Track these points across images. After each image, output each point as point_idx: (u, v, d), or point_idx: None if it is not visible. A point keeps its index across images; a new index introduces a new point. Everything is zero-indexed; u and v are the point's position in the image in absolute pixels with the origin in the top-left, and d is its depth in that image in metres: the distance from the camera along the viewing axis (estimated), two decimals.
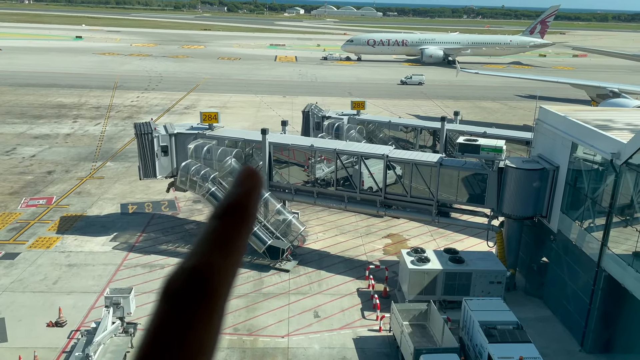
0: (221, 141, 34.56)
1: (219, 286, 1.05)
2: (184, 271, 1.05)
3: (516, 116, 71.72)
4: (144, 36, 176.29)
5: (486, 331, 22.34)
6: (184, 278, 1.04)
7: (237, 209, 1.12)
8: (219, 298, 1.05)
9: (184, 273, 1.05)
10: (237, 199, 1.13)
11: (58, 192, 42.50)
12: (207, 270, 1.05)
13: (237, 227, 1.11)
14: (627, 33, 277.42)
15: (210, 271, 1.05)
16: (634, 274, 22.44)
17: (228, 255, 1.08)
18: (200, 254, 1.07)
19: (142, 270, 31.26)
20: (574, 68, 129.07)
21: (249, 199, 1.14)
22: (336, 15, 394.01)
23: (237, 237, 1.11)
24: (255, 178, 1.18)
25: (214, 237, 1.09)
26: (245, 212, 1.13)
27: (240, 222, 1.12)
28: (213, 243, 1.08)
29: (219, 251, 1.08)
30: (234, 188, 1.15)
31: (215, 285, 1.05)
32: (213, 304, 1.04)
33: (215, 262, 1.06)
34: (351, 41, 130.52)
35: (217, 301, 1.05)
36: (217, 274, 1.06)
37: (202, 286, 1.04)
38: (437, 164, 30.68)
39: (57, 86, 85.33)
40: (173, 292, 1.03)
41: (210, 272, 1.05)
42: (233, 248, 1.10)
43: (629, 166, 23.51)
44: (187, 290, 1.03)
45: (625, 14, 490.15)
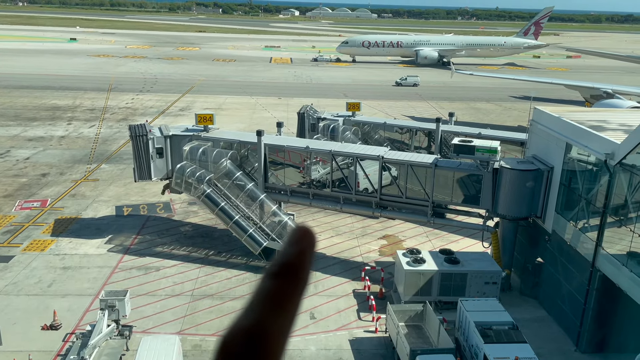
0: (216, 143, 34.52)
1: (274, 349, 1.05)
2: (240, 332, 1.05)
3: (511, 117, 71.99)
4: (138, 38, 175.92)
5: (482, 332, 22.40)
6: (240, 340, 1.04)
7: (292, 268, 1.12)
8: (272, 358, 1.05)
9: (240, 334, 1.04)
10: (292, 258, 1.13)
11: (52, 195, 42.32)
12: (263, 333, 1.05)
13: (292, 287, 1.11)
14: (620, 34, 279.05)
15: (266, 333, 1.05)
16: (628, 274, 22.55)
17: (283, 316, 1.08)
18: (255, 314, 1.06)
19: (137, 273, 31.17)
20: (567, 69, 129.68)
21: (304, 259, 1.14)
22: (331, 17, 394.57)
23: (292, 297, 1.10)
24: (310, 237, 1.19)
25: (269, 297, 1.08)
26: (300, 272, 1.13)
27: (295, 282, 1.12)
28: (268, 303, 1.08)
29: (274, 312, 1.07)
30: (289, 247, 1.15)
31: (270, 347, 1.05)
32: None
33: (271, 323, 1.06)
34: (346, 43, 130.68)
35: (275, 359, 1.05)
36: (272, 336, 1.05)
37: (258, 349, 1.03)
38: (432, 165, 30.75)
39: (52, 88, 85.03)
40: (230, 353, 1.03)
41: (266, 335, 1.05)
42: (288, 309, 1.09)
43: (622, 166, 23.63)
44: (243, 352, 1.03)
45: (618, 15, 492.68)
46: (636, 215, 23.49)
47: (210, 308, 27.95)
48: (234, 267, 32.15)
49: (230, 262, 32.82)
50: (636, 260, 22.77)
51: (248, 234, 31.70)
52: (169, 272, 31.39)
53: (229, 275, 31.29)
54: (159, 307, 27.87)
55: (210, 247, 34.68)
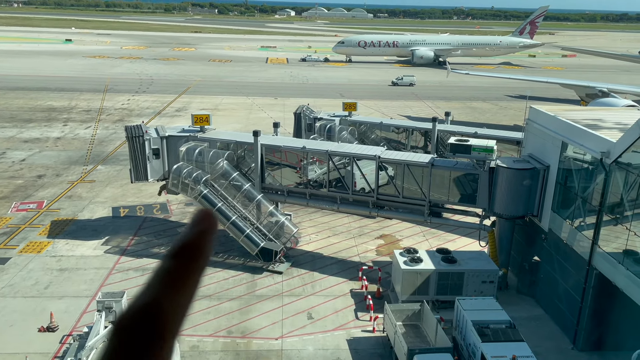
0: (213, 143, 34.49)
1: (168, 323, 1.08)
2: (136, 310, 1.08)
3: (507, 116, 72.15)
4: (134, 39, 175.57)
5: (479, 330, 22.44)
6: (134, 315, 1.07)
7: (191, 248, 1.16)
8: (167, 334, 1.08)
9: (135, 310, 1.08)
10: (192, 239, 1.17)
11: (49, 196, 42.20)
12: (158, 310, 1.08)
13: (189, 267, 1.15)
14: (615, 33, 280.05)
15: (161, 311, 1.08)
16: (624, 272, 22.65)
17: (178, 293, 1.12)
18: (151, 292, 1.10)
19: (134, 274, 31.12)
20: (563, 68, 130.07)
21: (203, 240, 1.17)
22: (327, 17, 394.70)
23: (188, 277, 1.14)
24: (211, 220, 1.21)
25: (165, 276, 1.13)
26: (198, 252, 1.16)
27: (192, 263, 1.15)
28: (164, 281, 1.12)
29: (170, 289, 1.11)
30: (190, 229, 1.19)
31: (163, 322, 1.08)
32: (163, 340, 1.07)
33: (166, 301, 1.09)
34: (342, 43, 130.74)
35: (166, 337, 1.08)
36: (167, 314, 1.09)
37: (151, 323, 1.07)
38: (428, 164, 30.80)
39: (47, 89, 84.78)
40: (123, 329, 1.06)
41: (161, 312, 1.08)
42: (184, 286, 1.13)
43: (618, 165, 23.73)
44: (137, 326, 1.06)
45: (613, 14, 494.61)
46: (632, 213, 23.59)
47: (207, 309, 27.92)
48: (231, 268, 32.13)
49: (228, 262, 32.80)
50: (632, 258, 22.88)
51: (245, 235, 31.68)
52: None
53: (227, 275, 31.27)
54: None
55: None
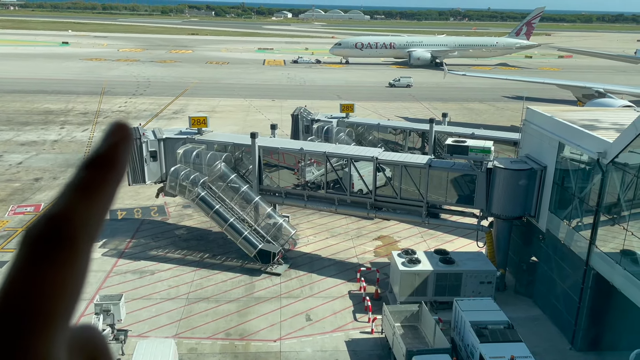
0: (210, 145, 34.48)
1: (79, 232, 1.05)
2: (44, 218, 1.04)
3: (504, 117, 72.30)
4: (131, 41, 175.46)
5: (477, 331, 22.46)
6: (43, 224, 1.04)
7: (105, 158, 1.12)
8: (78, 243, 1.05)
9: (44, 220, 1.04)
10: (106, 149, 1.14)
11: (46, 199, 42.11)
12: (67, 217, 1.05)
13: (103, 176, 1.11)
14: (611, 34, 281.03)
15: (70, 217, 1.05)
16: (622, 272, 22.70)
17: (91, 203, 1.09)
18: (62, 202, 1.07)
19: (132, 277, 31.06)
20: (559, 69, 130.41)
21: (117, 149, 1.14)
22: (324, 19, 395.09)
23: (102, 185, 1.11)
24: (125, 130, 1.18)
25: (78, 186, 1.09)
26: (113, 162, 1.13)
27: (107, 172, 1.12)
28: (77, 191, 1.08)
29: (82, 199, 1.08)
30: (104, 140, 1.15)
31: (74, 231, 1.05)
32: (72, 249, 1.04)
33: (77, 209, 1.06)
34: (339, 44, 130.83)
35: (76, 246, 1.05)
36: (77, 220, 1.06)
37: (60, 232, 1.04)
38: (426, 165, 30.84)
39: (44, 92, 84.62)
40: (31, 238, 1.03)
41: (70, 219, 1.05)
42: (97, 196, 1.10)
43: (615, 165, 23.80)
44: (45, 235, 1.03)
45: (609, 15, 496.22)
46: (629, 213, 23.65)
47: (206, 311, 27.89)
48: (229, 270, 32.09)
49: (226, 264, 32.76)
50: (629, 258, 22.94)
51: (243, 237, 31.66)
52: (164, 276, 31.30)
53: (225, 278, 31.24)
54: (154, 310, 27.78)
55: (205, 250, 34.61)
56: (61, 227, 1.04)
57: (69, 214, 1.06)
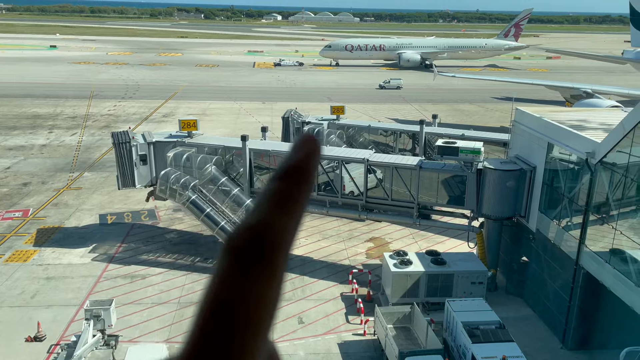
0: (201, 149, 34.34)
1: (280, 243, 1.07)
2: (245, 228, 1.06)
3: (493, 118, 72.72)
4: (119, 44, 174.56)
5: (469, 332, 22.54)
6: (245, 234, 1.05)
7: (297, 170, 1.14)
8: (280, 254, 1.07)
9: (245, 230, 1.05)
10: (297, 161, 1.16)
11: (34, 204, 41.72)
12: (268, 228, 1.06)
13: (296, 187, 1.13)
14: (598, 35, 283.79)
15: (271, 229, 1.06)
16: (611, 271, 22.89)
17: (288, 214, 1.10)
18: (260, 212, 1.08)
19: (122, 281, 30.83)
20: (548, 70, 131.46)
21: (308, 162, 1.16)
22: (314, 21, 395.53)
23: (296, 196, 1.13)
24: (314, 143, 1.20)
25: (273, 197, 1.11)
26: (305, 174, 1.15)
27: (300, 183, 1.14)
28: (273, 202, 1.10)
29: (279, 210, 1.09)
30: (294, 152, 1.17)
31: (275, 241, 1.06)
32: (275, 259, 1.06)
33: (275, 220, 1.08)
34: (329, 47, 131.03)
35: (279, 256, 1.06)
36: (278, 232, 1.07)
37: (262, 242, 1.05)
38: (417, 166, 30.93)
39: (32, 96, 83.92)
40: (234, 248, 1.04)
41: (271, 230, 1.06)
42: (293, 207, 1.11)
43: (603, 165, 24.02)
44: (248, 246, 1.04)
45: (596, 16, 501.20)
46: (618, 212, 23.87)
47: None
48: None
49: None
50: (619, 257, 23.13)
51: None
52: (155, 280, 31.10)
53: None
54: (145, 315, 27.59)
55: (197, 253, 34.44)
56: (264, 240, 1.05)
57: (270, 227, 1.07)
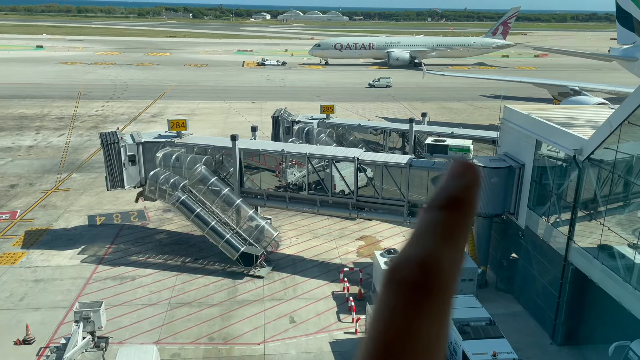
0: (190, 149, 34.19)
1: (449, 278, 1.02)
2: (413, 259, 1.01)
3: (482, 116, 73.11)
4: (107, 44, 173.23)
5: (460, 328, 22.64)
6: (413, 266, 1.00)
7: (462, 200, 1.08)
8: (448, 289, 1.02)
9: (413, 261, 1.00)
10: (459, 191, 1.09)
11: (22, 206, 41.30)
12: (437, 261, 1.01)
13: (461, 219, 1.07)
14: (585, 32, 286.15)
15: (439, 262, 1.01)
16: (599, 266, 23.11)
17: (454, 248, 1.05)
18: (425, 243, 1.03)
19: (112, 283, 30.62)
20: (535, 68, 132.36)
21: (470, 192, 1.10)
22: (302, 20, 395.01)
23: (461, 229, 1.07)
24: (474, 170, 1.14)
25: (438, 228, 1.05)
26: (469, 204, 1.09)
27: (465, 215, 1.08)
28: (438, 234, 1.04)
29: (445, 243, 1.04)
30: (452, 180, 1.11)
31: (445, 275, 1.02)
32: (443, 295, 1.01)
33: (444, 254, 1.02)
34: (318, 46, 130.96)
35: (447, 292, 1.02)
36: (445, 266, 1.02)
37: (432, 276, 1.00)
38: (406, 165, 31.02)
39: (18, 97, 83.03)
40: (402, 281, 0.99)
41: (439, 263, 1.01)
42: (458, 241, 1.06)
43: (591, 161, 24.23)
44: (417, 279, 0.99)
45: (582, 14, 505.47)
46: (605, 208, 24.10)
47: (188, 316, 27.62)
48: (211, 274, 31.84)
49: (208, 268, 32.51)
50: (607, 252, 23.36)
51: (225, 240, 31.45)
52: (145, 281, 30.92)
53: (207, 282, 30.98)
54: (135, 317, 27.43)
55: (187, 254, 34.29)
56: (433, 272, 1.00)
57: (439, 261, 1.01)
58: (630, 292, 21.14)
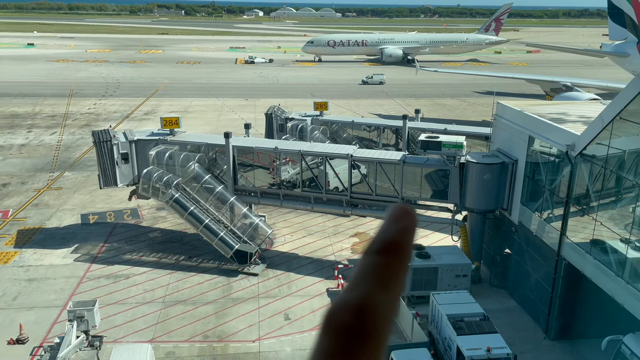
0: (183, 146, 34.06)
1: (383, 322, 1.05)
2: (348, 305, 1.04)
3: (475, 112, 73.30)
4: (99, 42, 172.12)
5: (454, 324, 22.74)
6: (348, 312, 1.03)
7: (396, 246, 1.12)
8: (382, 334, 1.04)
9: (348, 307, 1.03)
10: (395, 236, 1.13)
11: (14, 205, 41.04)
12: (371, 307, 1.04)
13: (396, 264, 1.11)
14: (577, 28, 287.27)
15: (374, 307, 1.04)
16: (592, 261, 23.26)
17: (390, 292, 1.08)
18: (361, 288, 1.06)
19: (106, 282, 30.51)
20: (528, 64, 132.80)
21: (406, 237, 1.14)
22: (295, 17, 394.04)
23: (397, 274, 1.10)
24: (412, 216, 1.18)
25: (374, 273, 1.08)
26: (404, 250, 1.13)
27: (399, 260, 1.11)
28: (374, 279, 1.08)
29: (381, 288, 1.07)
30: (390, 224, 1.16)
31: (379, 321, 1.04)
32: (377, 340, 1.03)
33: (378, 298, 1.05)
34: (312, 42, 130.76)
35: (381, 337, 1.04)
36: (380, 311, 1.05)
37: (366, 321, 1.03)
38: (400, 161, 31.06)
39: (9, 95, 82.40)
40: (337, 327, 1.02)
41: (374, 309, 1.04)
42: (394, 285, 1.09)
43: (583, 157, 24.35)
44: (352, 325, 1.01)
45: (574, 10, 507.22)
46: (598, 204, 24.24)
47: (182, 314, 27.58)
48: (205, 272, 31.79)
49: (202, 266, 32.45)
50: (599, 247, 23.50)
51: (219, 238, 31.40)
52: (139, 280, 30.83)
53: (201, 280, 30.93)
54: (129, 315, 27.35)
55: (181, 252, 34.21)
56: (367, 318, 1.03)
57: (372, 304, 1.04)
58: (622, 286, 21.30)
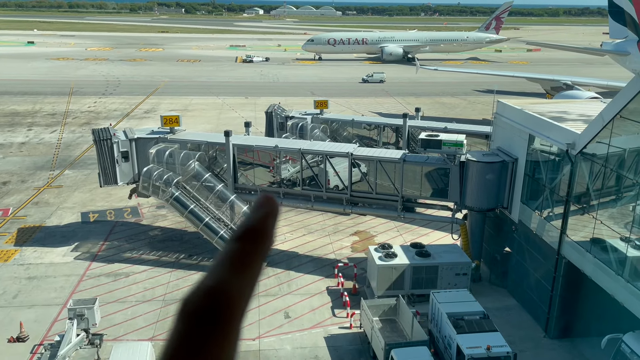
0: (183, 145, 34.05)
1: (236, 306, 1.08)
2: (201, 291, 1.07)
3: (475, 111, 73.25)
4: (99, 40, 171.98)
5: (454, 322, 22.75)
6: (201, 298, 1.06)
7: (255, 232, 1.16)
8: (235, 318, 1.07)
9: (201, 293, 1.07)
10: (256, 222, 1.17)
11: (14, 203, 41.05)
12: (224, 292, 1.07)
13: (254, 250, 1.15)
14: (577, 27, 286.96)
15: (227, 293, 1.07)
16: (592, 260, 23.26)
17: (244, 277, 1.11)
18: (217, 274, 1.10)
19: (106, 280, 30.53)
20: (528, 62, 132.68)
21: (266, 223, 1.18)
22: (295, 15, 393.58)
23: (254, 259, 1.14)
24: (273, 204, 1.23)
25: (231, 259, 1.12)
26: (262, 236, 1.17)
27: (257, 245, 1.15)
28: (230, 264, 1.11)
29: (236, 272, 1.11)
30: (253, 213, 1.21)
31: (232, 305, 1.07)
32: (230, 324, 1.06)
33: (232, 284, 1.09)
34: (312, 41, 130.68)
35: (233, 321, 1.07)
36: (233, 296, 1.08)
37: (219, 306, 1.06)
38: (400, 160, 31.05)
39: (10, 93, 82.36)
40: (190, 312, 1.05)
41: (226, 294, 1.07)
42: (249, 270, 1.12)
43: (583, 156, 24.34)
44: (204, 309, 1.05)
45: (575, 9, 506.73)
46: (598, 202, 24.24)
47: None
48: (206, 270, 31.65)
49: (202, 265, 32.46)
50: (599, 246, 23.51)
51: (219, 236, 31.39)
52: (139, 278, 30.85)
53: None
54: (129, 313, 27.37)
55: (181, 250, 34.22)
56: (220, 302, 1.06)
57: (226, 289, 1.07)
58: (622, 285, 21.31)
